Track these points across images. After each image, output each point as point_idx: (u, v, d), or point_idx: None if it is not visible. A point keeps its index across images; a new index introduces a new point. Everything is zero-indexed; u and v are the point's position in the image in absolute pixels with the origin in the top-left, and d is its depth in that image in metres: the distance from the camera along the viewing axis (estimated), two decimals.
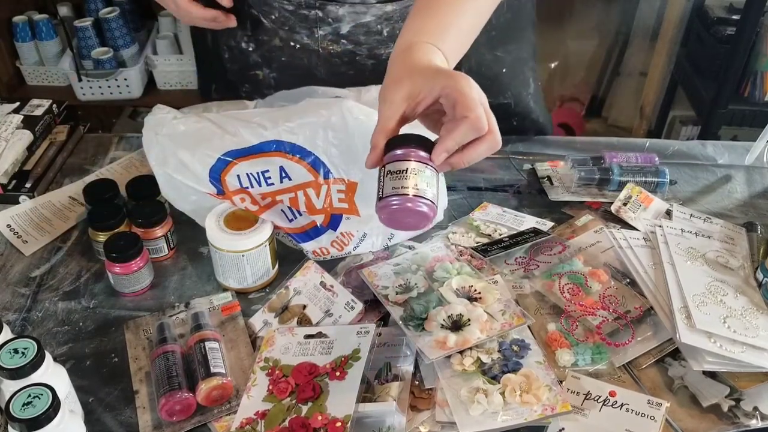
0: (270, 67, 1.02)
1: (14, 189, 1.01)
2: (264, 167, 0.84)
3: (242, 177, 0.85)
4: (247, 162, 0.84)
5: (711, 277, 0.83)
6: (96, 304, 0.86)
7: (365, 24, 0.90)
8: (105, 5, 2.15)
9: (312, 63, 0.98)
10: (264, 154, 0.83)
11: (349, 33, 0.91)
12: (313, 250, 0.90)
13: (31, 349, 0.64)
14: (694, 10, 2.14)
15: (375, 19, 0.90)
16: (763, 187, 1.06)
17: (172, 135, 0.84)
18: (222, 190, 0.86)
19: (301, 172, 0.84)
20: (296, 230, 0.88)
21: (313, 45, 0.92)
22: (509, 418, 0.69)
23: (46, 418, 0.59)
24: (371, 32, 0.90)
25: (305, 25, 0.91)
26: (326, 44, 0.92)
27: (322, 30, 0.90)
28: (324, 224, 0.88)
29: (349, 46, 0.92)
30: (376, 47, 0.87)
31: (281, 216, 0.87)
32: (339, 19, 0.90)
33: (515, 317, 0.77)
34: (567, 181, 1.04)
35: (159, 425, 0.71)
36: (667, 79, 2.32)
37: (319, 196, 0.85)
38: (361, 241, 0.90)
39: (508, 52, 1.03)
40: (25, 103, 1.12)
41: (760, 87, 1.92)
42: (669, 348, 0.78)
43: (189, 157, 0.84)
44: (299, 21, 0.91)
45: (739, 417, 0.72)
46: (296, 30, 0.91)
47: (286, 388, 0.72)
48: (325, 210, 0.87)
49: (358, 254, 0.91)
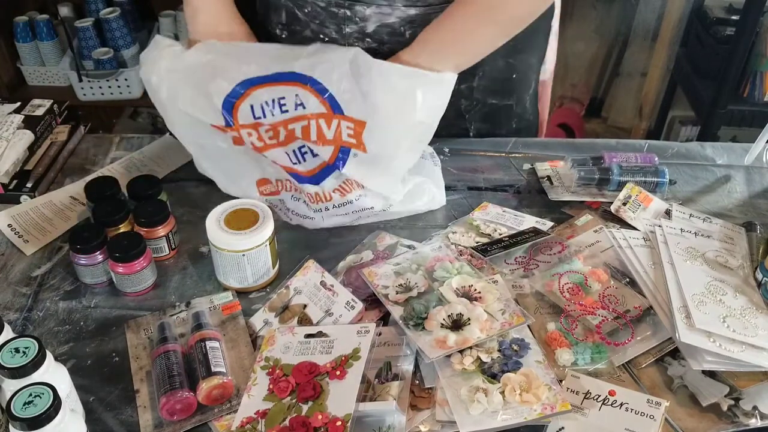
0: None
1: (15, 189, 1.02)
2: (281, 94, 0.85)
3: (255, 107, 0.85)
4: (263, 89, 0.85)
5: (710, 276, 0.84)
6: (97, 303, 0.86)
7: (389, 25, 0.93)
8: (105, 5, 2.15)
9: None
10: (282, 83, 0.84)
11: (374, 32, 0.94)
12: (315, 192, 0.90)
13: (32, 349, 0.64)
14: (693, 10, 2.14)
15: (399, 21, 0.93)
16: (762, 186, 1.06)
17: (181, 69, 0.86)
18: (231, 122, 0.86)
19: (315, 102, 0.85)
20: (301, 172, 0.89)
21: (341, 41, 0.95)
22: (509, 417, 0.69)
23: (47, 418, 0.59)
24: (395, 33, 0.94)
25: (334, 22, 0.94)
26: (352, 41, 0.95)
27: (349, 28, 0.94)
28: (331, 161, 0.88)
29: (374, 44, 0.95)
30: (398, 48, 0.90)
31: (285, 157, 0.88)
32: (365, 18, 0.93)
33: (515, 317, 0.77)
34: (567, 181, 1.04)
35: (160, 424, 0.71)
36: (667, 80, 2.32)
37: (330, 128, 0.86)
38: (361, 197, 0.91)
39: (521, 60, 1.07)
40: (26, 103, 1.12)
41: (759, 87, 1.92)
42: (668, 347, 0.78)
43: (203, 89, 0.85)
44: (329, 17, 0.94)
45: (739, 416, 0.72)
46: (326, 25, 0.95)
47: (287, 387, 0.72)
48: (336, 140, 0.87)
49: (358, 209, 0.93)
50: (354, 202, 0.92)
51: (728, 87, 1.90)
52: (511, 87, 1.09)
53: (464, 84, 1.03)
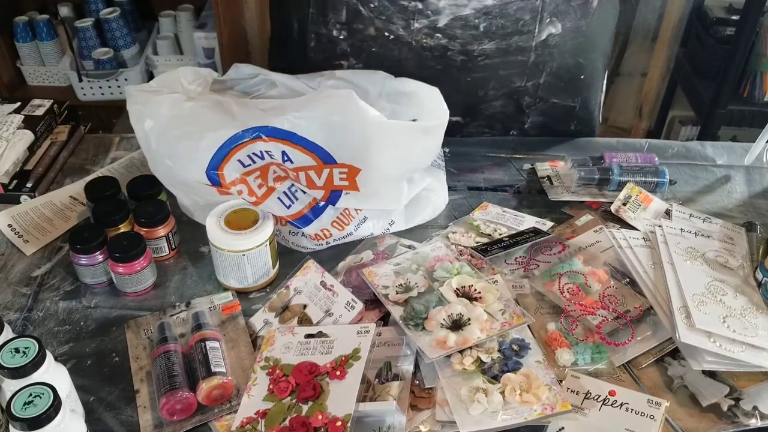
0: (358, 57, 1.03)
1: (15, 189, 1.02)
2: (267, 148, 0.83)
3: (243, 159, 0.84)
4: (249, 146, 0.83)
5: (710, 276, 0.84)
6: (97, 303, 0.86)
7: (463, 17, 0.92)
8: (105, 5, 2.15)
9: (402, 55, 1.00)
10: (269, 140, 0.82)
11: (445, 27, 0.93)
12: (315, 234, 0.90)
13: (32, 349, 0.64)
14: (693, 10, 2.14)
15: (474, 12, 0.92)
16: (762, 187, 1.06)
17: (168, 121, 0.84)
18: (219, 183, 0.86)
19: (303, 157, 0.83)
20: (296, 215, 0.89)
21: (407, 37, 0.95)
22: (509, 418, 0.69)
23: (47, 418, 0.59)
24: (468, 26, 0.93)
25: (402, 16, 0.93)
26: (420, 37, 0.94)
27: (418, 23, 0.93)
28: (323, 200, 0.88)
29: (443, 40, 0.95)
30: (469, 42, 0.90)
31: (279, 204, 0.88)
32: (438, 11, 0.92)
33: (515, 317, 0.77)
34: (567, 181, 1.04)
35: (160, 424, 0.71)
36: (667, 80, 2.32)
37: (320, 177, 0.85)
38: (361, 223, 0.91)
39: (589, 60, 1.07)
40: (26, 103, 1.13)
41: (759, 87, 1.92)
42: (668, 347, 0.78)
43: (185, 151, 0.84)
44: (397, 11, 0.93)
45: (739, 416, 0.72)
46: (393, 20, 0.94)
47: (287, 387, 0.72)
48: (327, 186, 0.87)
49: (359, 239, 0.92)
50: (354, 233, 0.92)
51: (728, 87, 1.90)
52: (577, 88, 1.08)
53: (531, 81, 1.03)
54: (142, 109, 0.86)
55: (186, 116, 0.84)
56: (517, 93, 0.86)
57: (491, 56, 0.98)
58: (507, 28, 0.96)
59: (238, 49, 2.22)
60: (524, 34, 0.97)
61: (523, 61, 0.99)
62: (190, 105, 0.85)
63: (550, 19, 0.96)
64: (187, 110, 0.84)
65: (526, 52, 0.98)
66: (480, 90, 1.05)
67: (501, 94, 1.06)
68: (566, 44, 0.90)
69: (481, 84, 1.04)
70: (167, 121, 0.84)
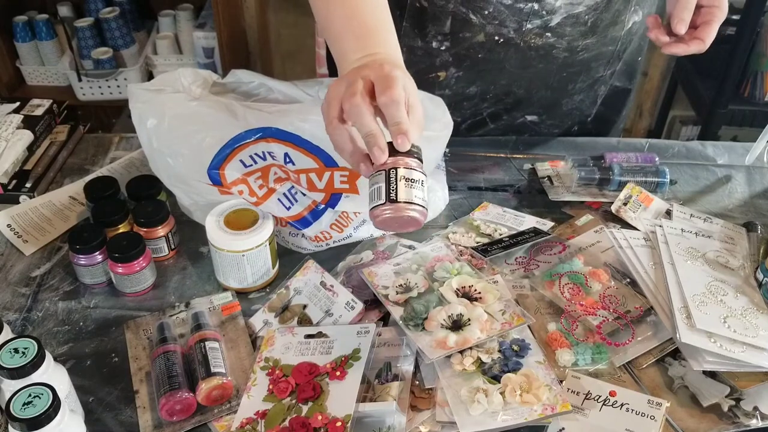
0: (459, 66, 1.02)
1: (15, 189, 1.01)
2: (270, 149, 0.84)
3: (245, 159, 0.84)
4: (251, 146, 0.83)
5: (711, 276, 0.83)
6: (96, 303, 0.86)
7: (576, 15, 0.93)
8: (105, 5, 2.15)
9: (507, 56, 1.00)
10: (269, 140, 0.83)
11: (557, 25, 0.94)
12: (315, 236, 0.90)
13: (31, 349, 0.64)
14: None
15: (585, 9, 0.93)
16: (763, 187, 1.06)
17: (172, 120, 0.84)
18: (220, 183, 0.86)
19: (305, 159, 0.84)
20: (295, 217, 0.88)
21: (517, 39, 0.95)
22: (509, 418, 0.69)
23: (46, 418, 0.59)
24: (578, 23, 0.94)
25: (516, 19, 0.93)
26: (530, 37, 0.95)
27: (531, 23, 0.93)
28: (323, 202, 0.88)
29: (551, 39, 0.96)
30: (575, 39, 0.92)
31: (279, 206, 0.88)
32: (553, 11, 0.93)
33: (515, 317, 0.77)
34: (567, 181, 1.04)
35: (159, 425, 0.71)
36: (667, 79, 2.32)
37: (321, 180, 0.85)
38: (360, 225, 0.91)
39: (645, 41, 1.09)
40: (25, 102, 1.12)
41: (760, 87, 1.92)
42: (669, 348, 0.78)
43: (188, 150, 0.84)
44: (511, 14, 0.93)
45: (739, 417, 0.72)
46: (505, 24, 0.94)
47: (287, 387, 0.72)
48: (327, 189, 0.86)
49: (358, 240, 0.91)
50: (353, 235, 0.92)
51: (729, 86, 1.90)
52: (635, 70, 1.11)
53: (610, 69, 1.05)
54: (145, 108, 0.86)
55: (190, 115, 0.84)
56: (597, 83, 0.88)
57: (590, 49, 1.00)
58: (606, 21, 0.98)
59: (238, 49, 2.22)
60: (617, 24, 0.99)
61: (611, 51, 1.02)
62: (194, 104, 0.85)
63: (634, 8, 0.99)
64: (191, 109, 0.85)
65: (616, 41, 1.01)
66: (570, 84, 1.06)
67: (585, 86, 1.07)
68: (641, 30, 0.94)
69: (572, 78, 1.05)
70: (171, 120, 0.84)
